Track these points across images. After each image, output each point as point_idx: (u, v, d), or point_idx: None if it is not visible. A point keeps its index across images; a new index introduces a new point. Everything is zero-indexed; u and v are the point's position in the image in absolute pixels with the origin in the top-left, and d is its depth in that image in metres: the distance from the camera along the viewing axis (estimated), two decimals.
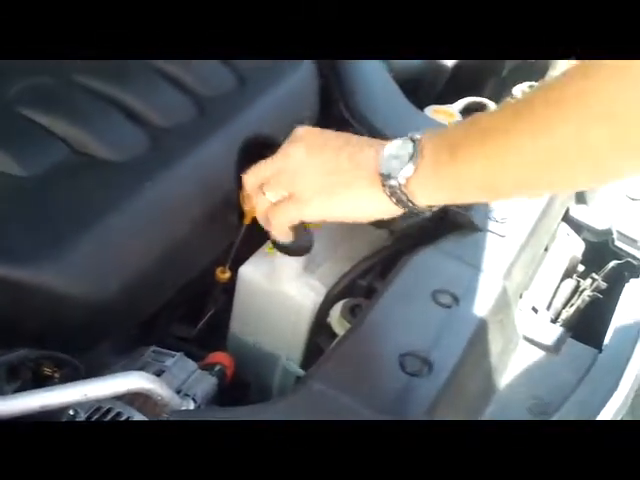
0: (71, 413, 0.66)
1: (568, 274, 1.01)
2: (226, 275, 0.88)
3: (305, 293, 0.86)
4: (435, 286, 0.80)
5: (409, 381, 0.69)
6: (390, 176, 0.66)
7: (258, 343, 0.91)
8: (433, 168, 0.65)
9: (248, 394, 0.88)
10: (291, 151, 0.72)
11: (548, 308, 0.93)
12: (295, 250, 0.83)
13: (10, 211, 0.72)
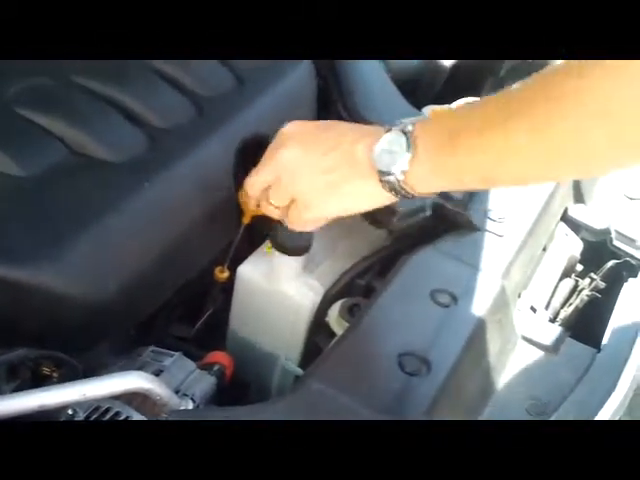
0: (70, 412, 0.66)
1: (566, 274, 1.01)
2: (225, 275, 0.88)
3: (304, 292, 0.86)
4: (434, 286, 0.80)
5: (408, 381, 0.69)
6: (387, 172, 0.66)
7: (257, 343, 0.91)
8: (430, 161, 0.64)
9: (247, 394, 0.88)
10: (286, 153, 0.72)
11: (546, 308, 0.93)
12: (294, 250, 0.83)
13: (9, 211, 0.72)
